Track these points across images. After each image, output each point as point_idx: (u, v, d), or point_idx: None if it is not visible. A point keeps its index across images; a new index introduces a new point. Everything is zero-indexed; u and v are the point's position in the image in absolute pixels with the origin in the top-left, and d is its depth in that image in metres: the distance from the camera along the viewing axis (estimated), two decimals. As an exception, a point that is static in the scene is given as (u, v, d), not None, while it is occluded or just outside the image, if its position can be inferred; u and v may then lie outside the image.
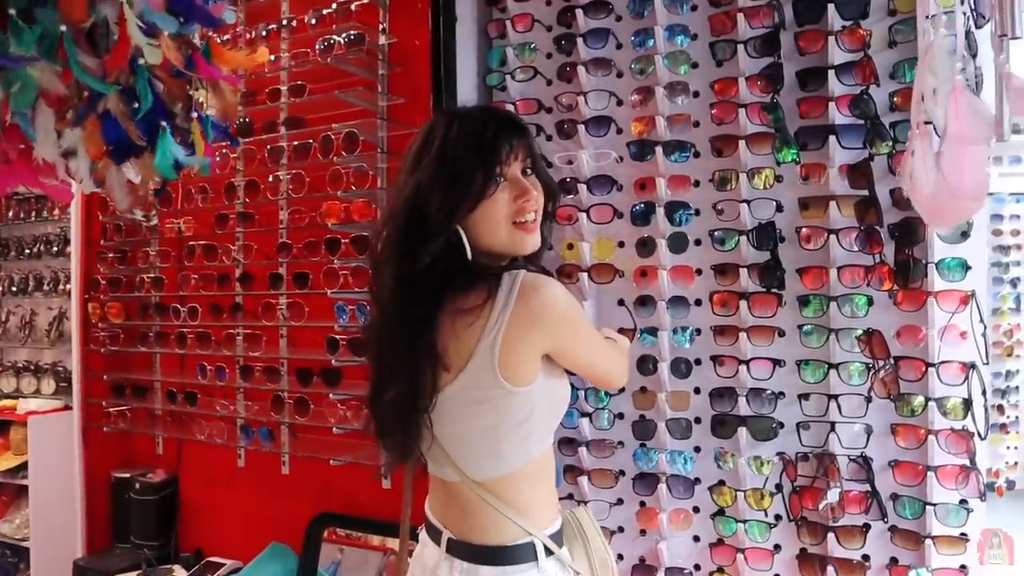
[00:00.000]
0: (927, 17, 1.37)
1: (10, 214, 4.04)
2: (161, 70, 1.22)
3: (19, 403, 3.74)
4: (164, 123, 1.22)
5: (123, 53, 1.09)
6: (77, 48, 1.14)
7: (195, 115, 1.35)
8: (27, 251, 4.00)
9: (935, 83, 1.17)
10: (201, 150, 1.37)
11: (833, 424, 2.09)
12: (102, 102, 1.19)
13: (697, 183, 2.31)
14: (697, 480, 2.30)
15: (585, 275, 2.44)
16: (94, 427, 3.49)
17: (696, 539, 2.32)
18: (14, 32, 1.08)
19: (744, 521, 2.22)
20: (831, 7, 2.08)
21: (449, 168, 1.35)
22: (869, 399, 2.06)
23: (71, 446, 3.49)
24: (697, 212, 2.31)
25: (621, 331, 1.93)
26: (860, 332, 2.06)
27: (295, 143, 2.81)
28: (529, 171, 1.43)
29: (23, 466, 3.51)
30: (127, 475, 3.36)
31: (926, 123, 1.37)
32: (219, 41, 1.49)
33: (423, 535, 1.54)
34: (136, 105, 1.24)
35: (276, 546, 2.89)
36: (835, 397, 2.08)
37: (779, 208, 2.18)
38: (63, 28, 1.10)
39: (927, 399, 1.99)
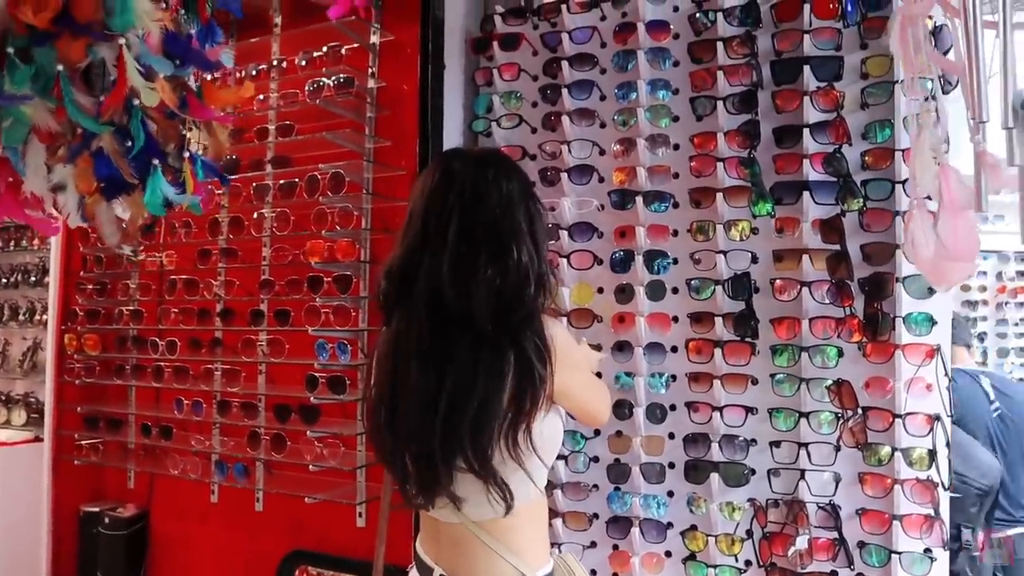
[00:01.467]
0: (899, 82, 1.45)
1: (-11, 243, 4.03)
2: (155, 111, 1.26)
3: (-12, 433, 3.69)
4: (156, 162, 1.25)
5: (120, 94, 1.13)
6: (73, 87, 1.17)
7: (187, 155, 1.38)
8: (4, 280, 3.99)
9: (929, 162, 1.27)
10: (191, 188, 1.41)
11: (803, 472, 2.13)
12: (95, 140, 1.23)
13: (676, 233, 2.37)
14: (670, 524, 2.32)
15: (564, 319, 2.48)
16: (65, 459, 3.44)
17: (668, 584, 2.35)
18: (10, 70, 1.11)
19: (715, 566, 2.24)
20: (807, 69, 2.17)
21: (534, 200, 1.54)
22: (838, 448, 2.10)
23: (40, 478, 3.44)
24: (675, 261, 2.37)
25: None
26: (830, 382, 2.11)
27: (281, 182, 2.85)
28: None
29: (-11, 498, 3.45)
30: (97, 509, 3.32)
31: (926, 198, 1.47)
32: (209, 80, 1.53)
33: (413, 573, 1.55)
34: (129, 144, 1.28)
35: (248, 585, 2.87)
36: (805, 445, 2.13)
37: (754, 259, 2.24)
38: (60, 68, 1.14)
39: (894, 449, 2.04)
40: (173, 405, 3.09)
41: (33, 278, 3.87)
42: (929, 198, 1.41)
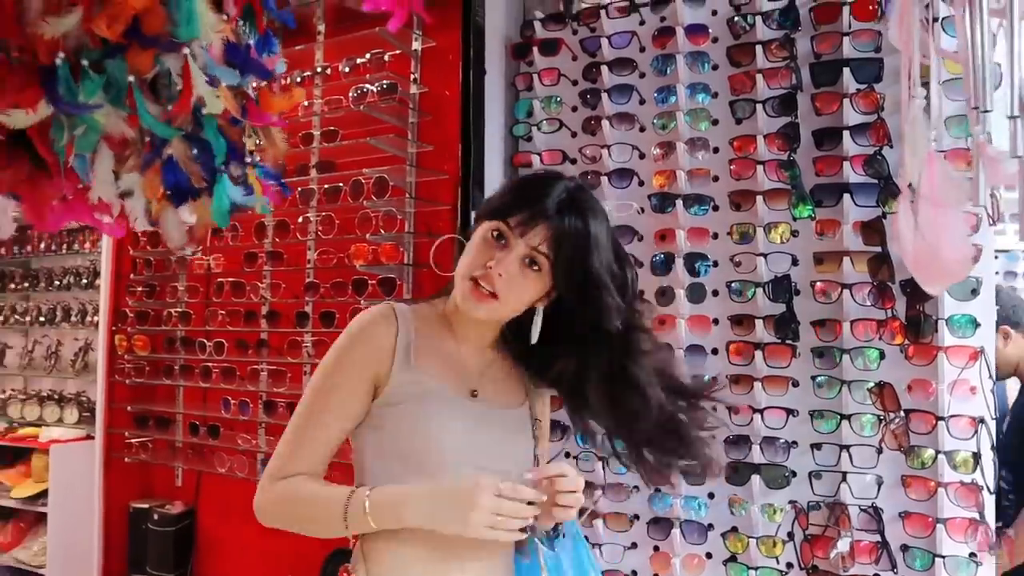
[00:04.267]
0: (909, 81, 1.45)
1: (41, 246, 4.15)
2: (222, 118, 1.31)
3: (42, 431, 3.80)
4: (223, 168, 1.30)
5: (187, 102, 1.18)
6: (143, 96, 1.23)
7: (248, 161, 1.44)
8: (56, 282, 4.10)
9: (912, 148, 1.25)
10: (260, 191, 1.46)
11: (845, 474, 2.13)
12: (167, 148, 1.28)
13: (716, 235, 2.38)
14: (711, 526, 2.33)
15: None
16: (115, 457, 3.55)
17: (708, 585, 2.36)
18: (84, 81, 1.16)
19: (756, 568, 2.24)
20: (846, 71, 2.17)
21: (499, 193, 1.44)
22: (880, 450, 2.10)
23: (92, 475, 3.54)
24: (715, 264, 2.38)
25: None
26: (872, 384, 2.11)
27: (326, 186, 2.91)
28: (538, 262, 1.32)
29: (43, 494, 3.56)
30: (146, 506, 3.41)
31: (908, 186, 1.44)
32: (265, 87, 1.58)
33: None
34: (195, 151, 1.33)
35: (292, 582, 2.93)
36: (847, 447, 2.13)
37: (795, 262, 2.24)
38: (131, 78, 1.19)
39: (937, 452, 2.03)
40: (220, 405, 3.17)
41: (84, 281, 3.97)
42: (910, 185, 1.37)
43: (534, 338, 1.40)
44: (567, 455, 2.55)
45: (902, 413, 2.07)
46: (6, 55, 1.13)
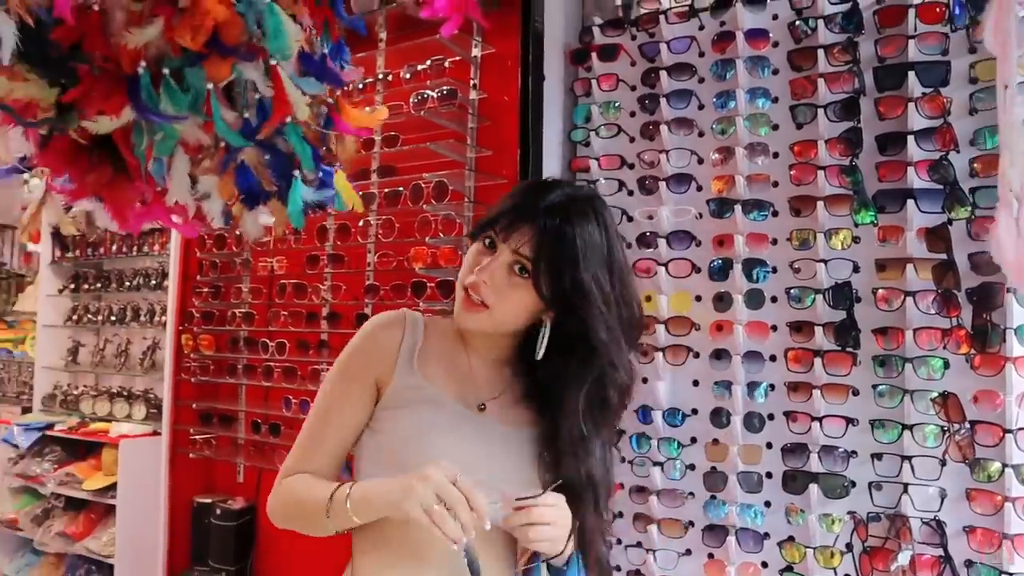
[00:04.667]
0: (1004, 87, 1.42)
1: (113, 248, 4.30)
2: (305, 124, 1.36)
3: (112, 426, 3.94)
4: (296, 173, 1.35)
5: (282, 113, 1.23)
6: (220, 104, 1.28)
7: (334, 169, 1.49)
8: (127, 283, 4.25)
9: (1012, 155, 1.22)
10: (350, 190, 1.51)
11: (906, 486, 2.09)
12: (240, 154, 1.34)
13: (775, 241, 2.36)
14: (767, 535, 2.31)
15: (662, 327, 2.50)
16: (180, 453, 3.66)
17: (764, 594, 2.33)
18: (167, 92, 1.21)
19: (813, 579, 2.22)
20: (911, 74, 2.14)
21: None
22: (944, 462, 2.05)
23: (158, 470, 3.66)
24: (774, 270, 2.36)
25: None
26: (936, 394, 2.06)
27: (386, 190, 2.97)
28: (527, 267, 1.29)
29: (112, 486, 3.68)
30: (209, 500, 3.50)
31: (1010, 191, 1.42)
32: (341, 96, 1.63)
33: None
34: (268, 157, 1.38)
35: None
36: (909, 458, 2.08)
37: (856, 269, 2.21)
38: (210, 86, 1.24)
39: (1004, 465, 1.98)
40: (281, 403, 3.24)
41: (153, 282, 4.10)
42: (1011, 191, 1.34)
43: (539, 353, 1.34)
44: (623, 460, 2.55)
45: (967, 424, 2.02)
46: (91, 66, 1.19)
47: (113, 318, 4.26)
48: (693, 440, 2.45)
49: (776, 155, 2.38)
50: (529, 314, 1.34)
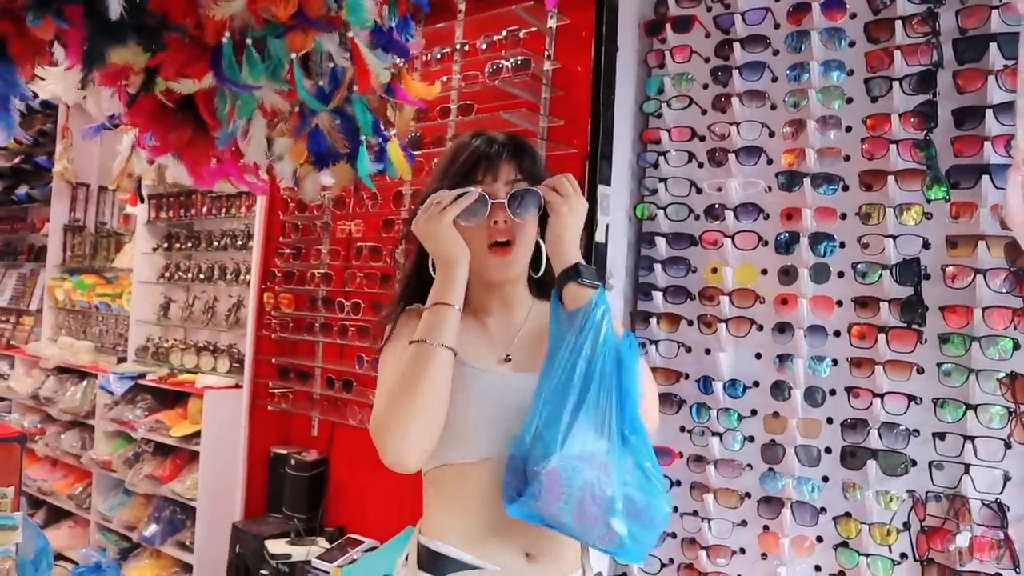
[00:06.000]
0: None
1: (204, 209, 4.51)
2: (369, 95, 1.44)
3: (198, 378, 4.16)
4: (363, 138, 1.43)
5: (365, 80, 1.31)
6: (301, 73, 1.36)
7: (388, 135, 1.57)
8: (215, 243, 4.45)
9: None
10: (401, 159, 1.59)
11: (968, 466, 2.07)
12: (314, 119, 1.42)
13: (844, 216, 2.34)
14: (823, 509, 2.32)
15: (726, 299, 2.51)
16: (259, 405, 3.84)
17: (817, 568, 2.34)
18: (249, 61, 1.30)
19: (868, 555, 2.21)
20: (993, 46, 2.08)
21: (439, 176, 1.42)
22: (1009, 445, 2.03)
23: (238, 420, 3.85)
24: (842, 244, 2.34)
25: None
26: (1003, 375, 2.03)
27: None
28: (519, 194, 1.37)
29: (197, 434, 3.90)
30: (284, 451, 3.67)
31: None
32: (404, 67, 1.70)
33: None
34: (339, 121, 1.47)
35: (411, 530, 3.09)
36: (971, 439, 2.06)
37: (926, 245, 2.18)
38: (293, 56, 1.32)
39: (1072, 449, 1.94)
40: (355, 361, 3.37)
41: (239, 242, 4.28)
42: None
43: (541, 268, 1.42)
44: (681, 429, 2.58)
45: (1034, 406, 1.99)
46: (182, 34, 1.28)
47: (202, 276, 4.48)
48: (753, 412, 2.47)
49: (849, 129, 2.35)
50: (534, 237, 1.42)
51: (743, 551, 2.47)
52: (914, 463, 2.17)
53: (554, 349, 1.28)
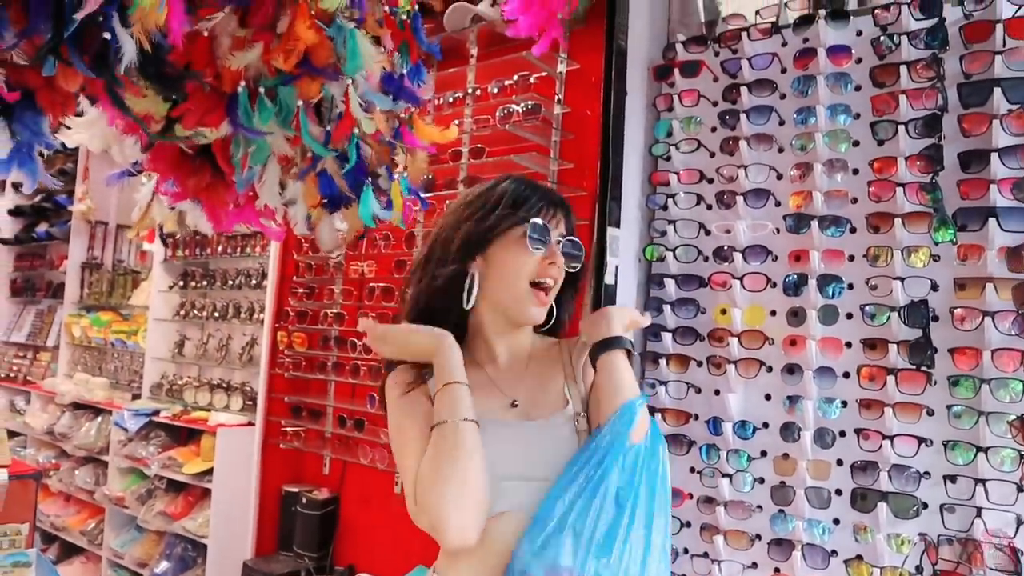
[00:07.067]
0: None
1: (219, 249, 4.58)
2: (373, 138, 1.48)
3: (211, 415, 4.19)
4: (368, 180, 1.47)
5: (347, 125, 1.35)
6: (308, 119, 1.41)
7: (395, 178, 1.61)
8: (230, 282, 4.51)
9: None
10: (399, 206, 1.63)
11: (980, 509, 2.06)
12: (321, 163, 1.46)
13: (852, 258, 2.36)
14: (834, 552, 2.30)
15: (735, 340, 2.52)
16: (271, 443, 3.86)
17: (830, 612, 2.32)
18: (260, 108, 1.35)
19: (880, 599, 2.19)
20: (997, 91, 2.11)
21: (482, 206, 1.43)
22: (1021, 488, 2.01)
23: (251, 458, 3.88)
24: (850, 286, 2.35)
25: None
26: (1013, 417, 2.02)
27: (471, 200, 3.08)
28: (563, 246, 1.44)
29: (209, 471, 3.92)
30: (296, 489, 3.69)
31: None
32: (417, 112, 1.75)
33: None
34: (346, 165, 1.51)
35: (421, 569, 3.07)
36: (983, 482, 2.05)
37: (934, 287, 2.19)
38: (300, 103, 1.37)
39: (1085, 493, 1.93)
40: (366, 400, 3.40)
41: (254, 281, 4.34)
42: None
43: (553, 318, 1.49)
44: (691, 470, 2.58)
45: (1046, 450, 1.98)
46: (201, 83, 1.33)
47: (216, 314, 4.53)
48: (763, 453, 2.46)
49: (856, 171, 2.37)
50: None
51: (754, 594, 2.45)
52: (925, 506, 2.15)
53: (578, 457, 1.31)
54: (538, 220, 1.40)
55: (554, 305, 1.47)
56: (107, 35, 1.04)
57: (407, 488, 1.32)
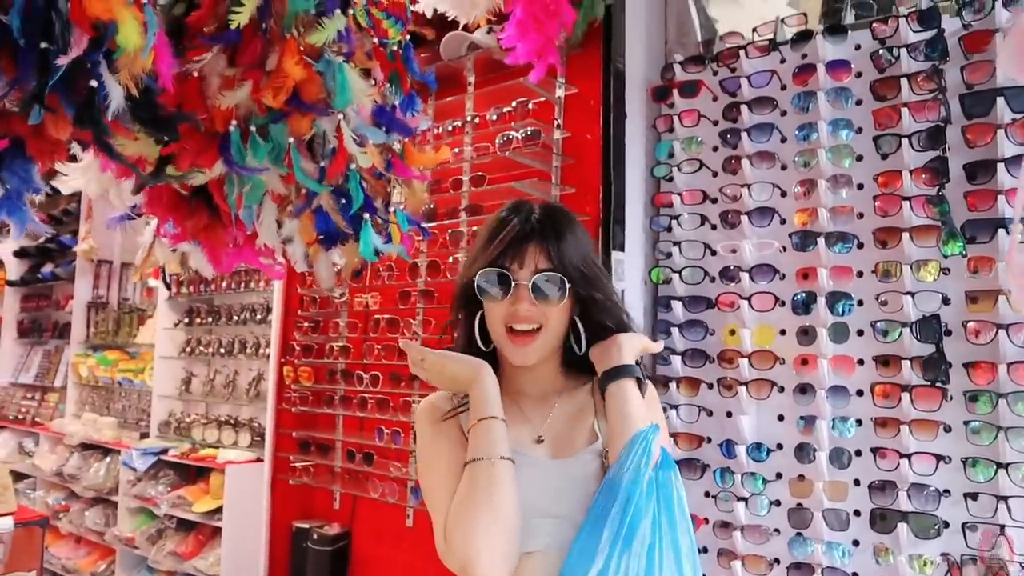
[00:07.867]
0: None
1: (224, 284, 4.56)
2: (366, 172, 1.46)
3: (219, 452, 4.15)
4: (367, 216, 1.45)
5: (342, 161, 1.34)
6: (300, 156, 1.39)
7: (392, 210, 1.59)
8: (235, 318, 4.49)
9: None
10: (398, 239, 1.61)
11: (1003, 527, 2.01)
12: (316, 199, 1.44)
13: (860, 274, 2.33)
14: (855, 575, 2.25)
15: (746, 361, 2.48)
16: (280, 479, 3.82)
17: (854, 637, 2.26)
18: (252, 146, 1.33)
19: (905, 622, 2.14)
20: (1000, 100, 2.09)
21: (475, 250, 1.41)
22: (1045, 504, 1.97)
23: (260, 495, 3.83)
24: (860, 303, 2.32)
25: None
26: (1034, 432, 1.98)
27: (474, 228, 3.06)
28: (546, 279, 1.34)
29: (219, 509, 3.88)
30: (306, 525, 3.63)
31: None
32: (410, 143, 1.73)
33: None
34: (344, 201, 1.49)
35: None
36: (1005, 499, 2.00)
37: (945, 301, 2.16)
38: (291, 140, 1.35)
39: (1110, 508, 1.88)
40: (375, 433, 3.35)
41: (259, 316, 4.32)
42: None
43: (581, 348, 1.42)
44: (706, 494, 2.54)
45: (1068, 464, 1.93)
46: (195, 123, 1.32)
47: (222, 350, 4.51)
48: (778, 475, 2.42)
49: (860, 186, 2.35)
50: (568, 319, 1.41)
51: (776, 621, 2.40)
52: (947, 525, 2.11)
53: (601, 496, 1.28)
54: (487, 271, 1.34)
55: (582, 335, 1.42)
56: (94, 83, 1.03)
57: (436, 527, 1.29)
